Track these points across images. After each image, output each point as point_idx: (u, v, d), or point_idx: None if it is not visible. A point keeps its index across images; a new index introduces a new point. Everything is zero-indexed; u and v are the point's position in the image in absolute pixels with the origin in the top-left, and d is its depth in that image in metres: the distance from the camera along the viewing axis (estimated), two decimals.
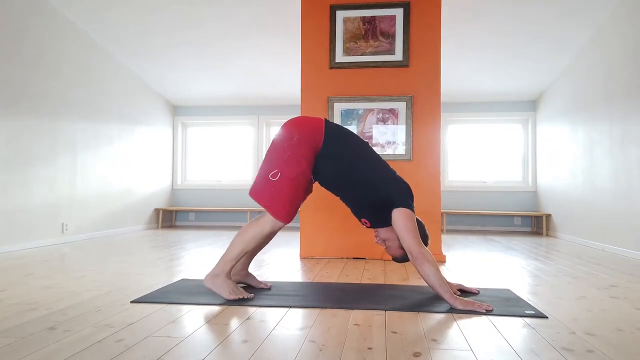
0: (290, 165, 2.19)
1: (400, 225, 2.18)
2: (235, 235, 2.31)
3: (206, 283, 2.28)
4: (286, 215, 2.21)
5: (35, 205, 4.42)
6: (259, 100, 7.09)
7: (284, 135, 2.26)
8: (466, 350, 1.56)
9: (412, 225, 2.18)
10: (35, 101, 4.42)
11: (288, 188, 2.18)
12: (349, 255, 3.81)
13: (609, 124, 4.49)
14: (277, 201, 2.19)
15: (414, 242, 2.15)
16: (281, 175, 2.18)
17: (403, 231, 2.17)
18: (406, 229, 2.17)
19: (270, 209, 2.21)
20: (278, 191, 2.19)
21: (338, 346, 1.60)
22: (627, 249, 4.12)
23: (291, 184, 2.19)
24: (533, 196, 6.69)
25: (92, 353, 1.50)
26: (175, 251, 4.12)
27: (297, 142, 2.21)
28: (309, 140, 2.23)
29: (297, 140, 2.22)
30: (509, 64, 5.59)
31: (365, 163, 2.27)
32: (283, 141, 2.24)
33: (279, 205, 2.19)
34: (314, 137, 2.24)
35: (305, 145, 2.21)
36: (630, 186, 4.10)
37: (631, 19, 4.10)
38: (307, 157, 2.22)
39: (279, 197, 2.19)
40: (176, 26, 5.01)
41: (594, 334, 1.76)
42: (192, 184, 7.39)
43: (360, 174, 2.26)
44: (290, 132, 2.24)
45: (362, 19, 3.84)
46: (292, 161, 2.19)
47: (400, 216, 2.19)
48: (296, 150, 2.20)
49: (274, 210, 2.20)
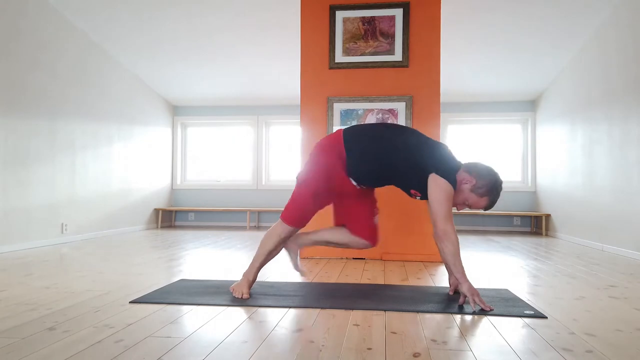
0: (306, 177, 2.32)
1: (432, 195, 2.16)
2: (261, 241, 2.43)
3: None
4: (288, 218, 2.32)
5: (35, 206, 4.42)
6: (258, 100, 7.09)
7: (310, 159, 2.36)
8: (465, 351, 1.56)
9: (443, 196, 2.14)
10: (35, 101, 4.41)
11: (296, 195, 2.34)
12: (348, 256, 3.81)
13: (608, 124, 4.50)
14: (287, 206, 2.36)
15: (440, 215, 2.13)
16: (297, 184, 2.36)
17: (433, 202, 2.15)
18: (437, 200, 2.14)
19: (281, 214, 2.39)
20: (291, 198, 2.36)
21: (337, 346, 1.60)
22: (626, 249, 4.12)
23: (301, 192, 2.32)
24: (532, 196, 6.70)
25: (92, 353, 1.50)
26: (174, 251, 4.12)
27: (316, 157, 2.31)
28: (332, 152, 2.28)
29: (317, 155, 2.31)
30: (509, 64, 5.60)
31: (389, 146, 2.27)
32: (307, 163, 2.36)
33: (287, 209, 2.35)
34: (336, 148, 2.29)
35: (329, 157, 2.28)
36: (629, 186, 4.11)
37: (630, 19, 4.10)
38: (329, 169, 2.27)
39: (289, 202, 2.35)
40: (176, 27, 5.01)
41: (593, 334, 1.77)
42: (191, 184, 7.39)
43: (389, 159, 2.27)
44: (314, 153, 2.34)
45: (361, 19, 3.84)
46: (309, 174, 2.31)
47: (432, 185, 2.16)
48: (315, 165, 2.30)
49: (283, 213, 2.36)
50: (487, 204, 2.24)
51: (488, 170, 2.23)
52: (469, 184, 2.21)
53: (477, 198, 2.22)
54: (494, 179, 2.21)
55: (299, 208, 2.31)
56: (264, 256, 2.37)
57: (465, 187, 2.22)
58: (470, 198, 2.23)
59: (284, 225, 2.34)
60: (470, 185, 2.21)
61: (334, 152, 2.27)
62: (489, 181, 2.20)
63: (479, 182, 2.20)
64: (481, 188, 2.20)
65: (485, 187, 2.20)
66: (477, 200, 2.23)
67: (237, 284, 2.36)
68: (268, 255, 2.38)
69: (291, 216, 2.32)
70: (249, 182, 7.29)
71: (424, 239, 3.72)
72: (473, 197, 2.22)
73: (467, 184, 2.21)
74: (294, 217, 2.31)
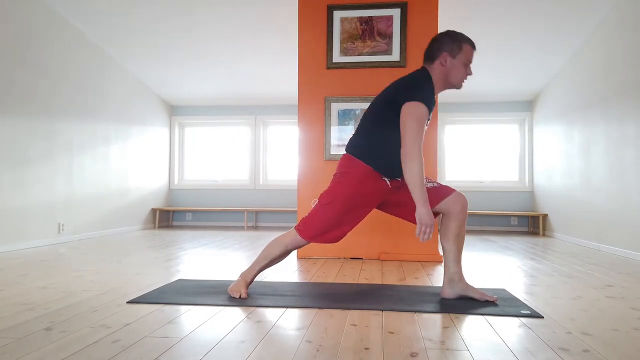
0: (331, 199, 2.28)
1: (402, 119, 2.13)
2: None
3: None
4: (305, 232, 2.28)
5: (32, 206, 4.41)
6: (256, 100, 7.09)
7: (336, 182, 2.32)
8: (463, 350, 1.57)
9: (413, 119, 2.09)
10: (32, 101, 4.40)
11: (317, 214, 2.28)
12: (346, 256, 3.81)
13: (605, 124, 4.51)
14: (305, 220, 2.31)
15: (409, 137, 2.09)
16: (320, 203, 2.32)
17: (404, 125, 2.12)
18: (407, 122, 2.11)
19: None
20: (311, 214, 2.31)
21: (335, 346, 1.60)
22: (623, 248, 4.14)
23: (322, 211, 2.27)
24: (530, 196, 6.71)
25: (89, 354, 1.50)
26: (172, 251, 4.11)
27: (341, 181, 2.28)
28: (355, 171, 2.25)
29: (342, 179, 2.28)
30: (506, 64, 5.61)
31: (368, 115, 2.29)
32: (334, 185, 2.32)
33: (304, 223, 2.30)
34: (355, 166, 2.27)
35: (352, 179, 2.25)
36: (626, 186, 4.12)
37: (627, 20, 4.11)
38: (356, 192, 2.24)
39: (308, 217, 2.31)
40: (173, 26, 5.00)
41: (590, 333, 1.77)
42: (189, 184, 7.39)
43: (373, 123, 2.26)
44: (339, 180, 2.31)
45: (359, 19, 3.84)
46: (336, 197, 2.27)
47: (403, 111, 2.13)
48: (341, 187, 2.27)
49: (299, 226, 2.32)
50: (470, 47, 2.24)
51: (442, 38, 2.24)
52: (445, 61, 2.22)
53: (458, 57, 2.22)
54: (451, 33, 2.24)
55: (317, 227, 2.25)
56: (266, 261, 2.36)
57: (445, 64, 2.22)
58: (455, 65, 2.22)
59: (296, 236, 2.29)
60: (446, 60, 2.21)
61: (358, 170, 2.23)
62: (450, 38, 2.22)
63: (446, 49, 2.21)
64: (452, 50, 2.21)
65: (452, 44, 2.21)
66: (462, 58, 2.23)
67: (235, 284, 2.36)
68: (270, 261, 2.36)
69: (307, 230, 2.27)
70: (246, 182, 7.29)
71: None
72: (455, 62, 2.22)
73: (444, 63, 2.22)
74: (309, 233, 2.26)
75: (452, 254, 2.28)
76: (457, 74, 2.24)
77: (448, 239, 2.27)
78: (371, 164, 2.22)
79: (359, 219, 2.31)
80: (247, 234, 5.96)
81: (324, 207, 2.26)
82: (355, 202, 2.24)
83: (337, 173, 2.31)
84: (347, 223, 2.27)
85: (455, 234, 2.26)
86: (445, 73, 2.24)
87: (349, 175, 2.24)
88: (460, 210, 2.26)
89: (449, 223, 2.27)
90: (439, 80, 2.26)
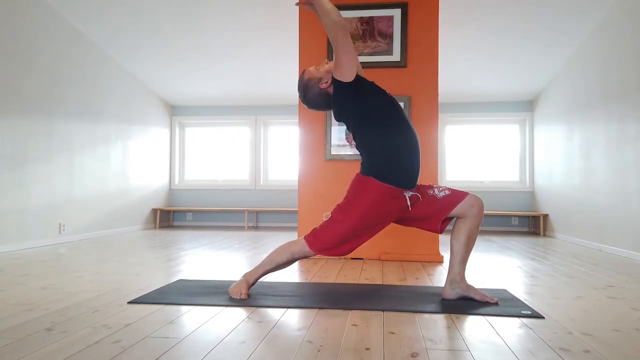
0: (346, 216, 2.25)
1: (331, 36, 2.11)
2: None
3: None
4: (314, 244, 2.25)
5: (32, 206, 4.41)
6: (256, 100, 7.09)
7: (352, 196, 2.30)
8: (463, 351, 1.57)
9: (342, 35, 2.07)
10: (32, 101, 4.40)
11: (330, 228, 2.25)
12: (346, 256, 3.81)
13: (605, 124, 4.51)
14: (316, 232, 2.28)
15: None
16: (333, 218, 2.28)
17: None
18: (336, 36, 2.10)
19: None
20: (323, 226, 2.28)
21: (336, 346, 1.60)
22: (624, 249, 4.13)
23: (336, 227, 2.24)
24: (530, 196, 6.71)
25: (89, 354, 1.50)
26: (172, 251, 4.11)
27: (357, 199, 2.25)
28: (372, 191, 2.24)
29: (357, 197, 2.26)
30: (506, 64, 5.60)
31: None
32: (350, 200, 2.30)
33: (315, 235, 2.28)
34: (370, 186, 2.27)
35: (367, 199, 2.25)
36: (626, 186, 4.12)
37: (627, 20, 4.11)
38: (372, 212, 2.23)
39: (320, 230, 2.28)
40: (173, 26, 5.00)
41: (590, 334, 1.77)
42: (189, 184, 7.39)
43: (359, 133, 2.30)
44: (354, 195, 2.29)
45: (359, 19, 3.84)
46: (351, 213, 2.24)
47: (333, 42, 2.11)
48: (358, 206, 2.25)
49: (309, 237, 2.29)
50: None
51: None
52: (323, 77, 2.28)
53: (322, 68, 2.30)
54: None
55: (327, 241, 2.22)
56: (271, 266, 2.34)
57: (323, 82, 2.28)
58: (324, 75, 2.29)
59: (305, 247, 2.26)
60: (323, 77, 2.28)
61: (376, 190, 2.20)
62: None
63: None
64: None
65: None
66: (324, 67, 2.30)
67: (236, 284, 2.35)
68: (275, 267, 2.35)
69: (317, 243, 2.24)
70: (247, 182, 7.29)
71: (422, 239, 3.72)
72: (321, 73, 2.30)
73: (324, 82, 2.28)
74: (319, 245, 2.23)
75: (460, 256, 2.26)
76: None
77: (459, 241, 2.25)
78: (389, 181, 2.18)
79: (371, 236, 2.29)
80: (247, 234, 5.97)
81: (337, 224, 2.22)
82: (371, 222, 2.22)
83: (352, 191, 2.25)
84: (358, 239, 2.25)
85: (468, 236, 2.25)
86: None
87: (366, 196, 2.20)
88: (478, 213, 2.24)
89: (464, 225, 2.25)
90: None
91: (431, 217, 2.27)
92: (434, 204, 2.27)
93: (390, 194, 2.20)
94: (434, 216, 2.27)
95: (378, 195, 2.19)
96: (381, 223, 2.26)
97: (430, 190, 2.32)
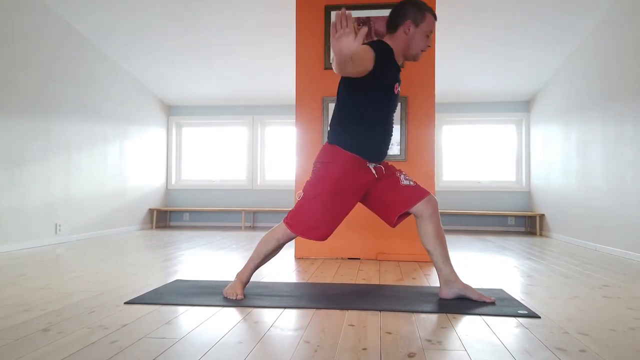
0: (316, 192, 2.27)
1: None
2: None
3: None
4: (294, 225, 2.27)
5: (29, 206, 4.40)
6: (253, 100, 7.08)
7: (316, 174, 2.32)
8: (460, 351, 1.57)
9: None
10: (29, 101, 4.39)
11: (303, 208, 2.28)
12: (343, 256, 3.82)
13: (602, 124, 4.52)
14: (293, 214, 2.31)
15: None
16: (305, 197, 2.30)
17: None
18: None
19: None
20: (297, 207, 2.31)
21: (333, 347, 1.60)
22: (620, 248, 4.15)
23: (309, 205, 2.26)
24: (527, 196, 6.73)
25: (86, 355, 1.50)
26: (169, 251, 4.11)
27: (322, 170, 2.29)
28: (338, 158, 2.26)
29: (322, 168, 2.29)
30: (503, 64, 5.62)
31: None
32: (314, 177, 2.32)
33: (293, 216, 2.30)
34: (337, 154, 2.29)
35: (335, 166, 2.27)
36: (623, 186, 4.13)
37: (625, 20, 4.13)
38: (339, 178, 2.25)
39: (295, 211, 2.31)
40: (171, 26, 4.99)
41: (587, 333, 1.78)
42: (186, 184, 7.37)
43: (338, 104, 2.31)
44: (319, 168, 2.31)
45: (357, 19, 3.85)
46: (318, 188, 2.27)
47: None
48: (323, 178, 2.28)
49: (288, 219, 2.31)
50: (433, 18, 2.23)
51: (405, 6, 2.23)
52: (408, 29, 2.21)
53: (421, 26, 2.21)
54: (415, 1, 2.23)
55: (306, 221, 2.25)
56: (260, 259, 2.36)
57: (408, 33, 2.21)
58: (417, 34, 2.22)
59: (286, 230, 2.29)
60: (409, 28, 2.21)
61: (342, 159, 2.22)
62: (414, 6, 2.21)
63: (410, 17, 2.20)
64: (416, 18, 2.20)
65: (416, 12, 2.21)
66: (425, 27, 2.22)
67: (231, 285, 2.35)
68: (264, 258, 2.36)
69: (296, 225, 2.26)
70: (244, 182, 7.28)
71: (419, 239, 3.72)
72: (417, 31, 2.22)
73: (407, 32, 2.21)
74: (299, 227, 2.25)
75: (439, 256, 2.29)
76: (417, 43, 2.24)
77: (429, 242, 2.29)
78: (355, 150, 2.22)
79: (346, 212, 2.30)
80: (244, 234, 5.96)
81: (311, 201, 2.25)
82: (342, 193, 2.24)
83: (319, 162, 2.28)
84: (335, 217, 2.26)
85: (434, 236, 2.27)
86: (407, 42, 2.23)
87: (334, 165, 2.23)
88: (432, 213, 2.28)
89: (425, 227, 2.29)
90: (399, 50, 2.25)
91: (389, 208, 2.30)
92: (395, 191, 2.30)
93: (356, 164, 2.23)
94: (392, 209, 2.30)
95: (344, 165, 2.22)
96: (352, 195, 2.26)
97: (398, 172, 2.36)
